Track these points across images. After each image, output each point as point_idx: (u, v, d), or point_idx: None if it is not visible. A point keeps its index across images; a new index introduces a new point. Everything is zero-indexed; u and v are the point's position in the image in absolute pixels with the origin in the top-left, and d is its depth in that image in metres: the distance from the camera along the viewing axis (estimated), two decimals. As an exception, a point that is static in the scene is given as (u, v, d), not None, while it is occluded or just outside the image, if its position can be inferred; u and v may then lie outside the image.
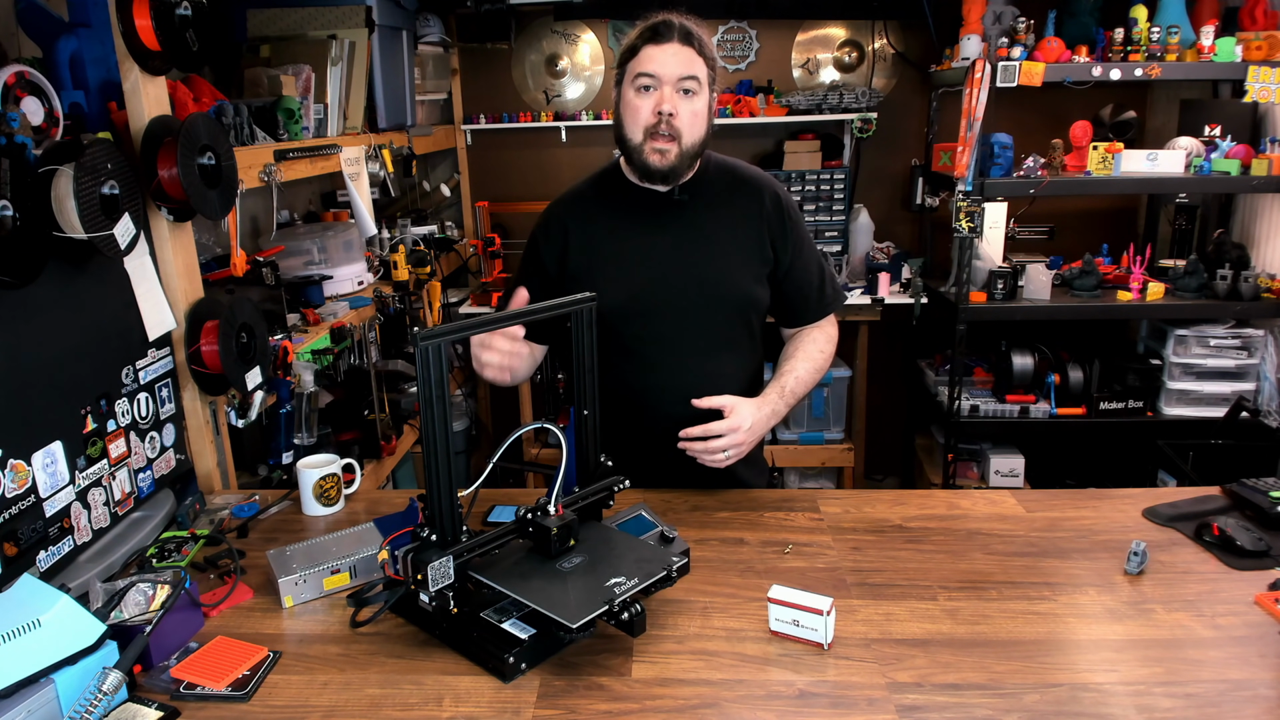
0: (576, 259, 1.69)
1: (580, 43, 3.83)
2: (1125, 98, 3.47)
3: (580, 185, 1.78)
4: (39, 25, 1.64)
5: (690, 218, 1.67)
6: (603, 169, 1.77)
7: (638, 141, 1.60)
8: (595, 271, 1.67)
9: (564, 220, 1.72)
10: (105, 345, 1.48)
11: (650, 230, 1.68)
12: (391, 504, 1.68)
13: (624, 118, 1.62)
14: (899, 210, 3.87)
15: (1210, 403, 3.10)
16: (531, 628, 1.18)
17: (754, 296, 1.70)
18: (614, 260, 1.67)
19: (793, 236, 1.71)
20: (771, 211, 1.70)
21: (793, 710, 1.08)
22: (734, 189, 1.71)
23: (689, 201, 1.67)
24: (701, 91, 1.59)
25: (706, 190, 1.69)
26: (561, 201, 1.77)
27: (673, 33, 1.56)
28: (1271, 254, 3.04)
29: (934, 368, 3.57)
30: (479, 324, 1.21)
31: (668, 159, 1.59)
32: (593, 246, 1.69)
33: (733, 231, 1.68)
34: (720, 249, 1.67)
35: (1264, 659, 1.15)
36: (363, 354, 2.67)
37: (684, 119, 1.58)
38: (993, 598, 1.31)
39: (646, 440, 1.68)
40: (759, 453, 1.85)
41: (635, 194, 1.69)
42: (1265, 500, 1.51)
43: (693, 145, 1.60)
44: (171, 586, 1.23)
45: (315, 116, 2.41)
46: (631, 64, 1.59)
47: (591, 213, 1.72)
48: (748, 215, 1.69)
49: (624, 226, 1.69)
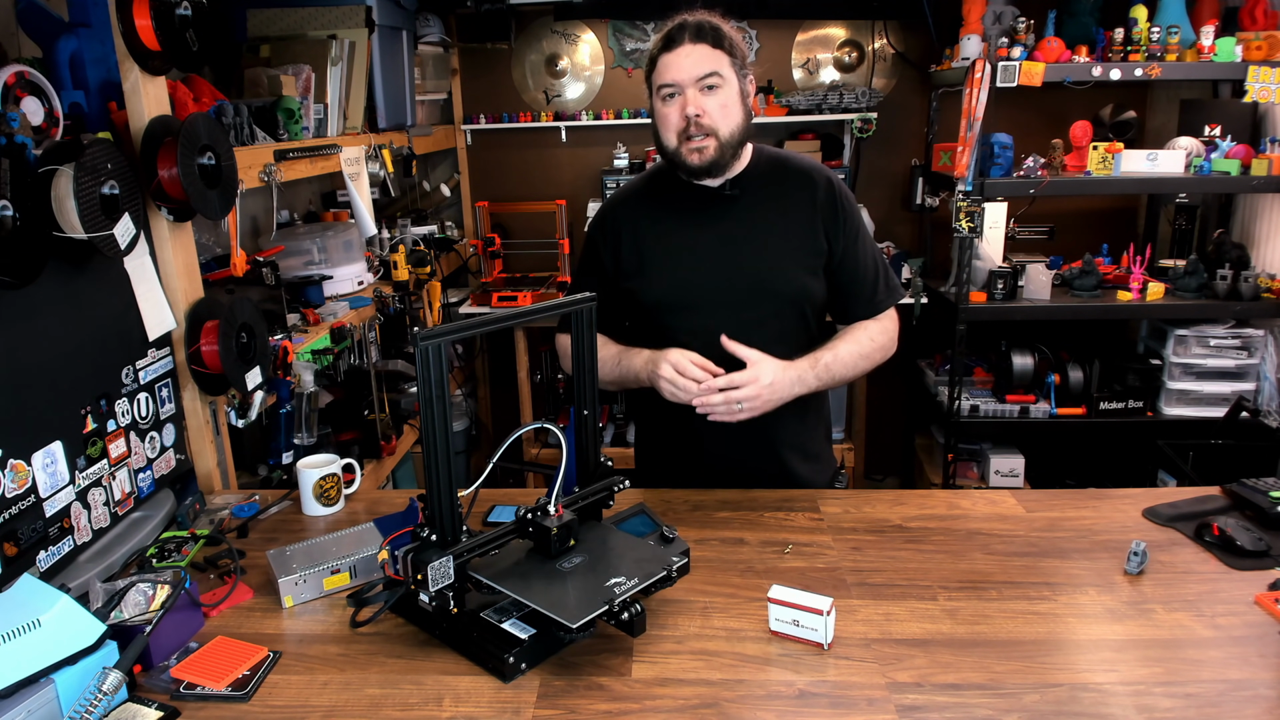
0: (629, 255, 1.70)
1: (580, 43, 3.83)
2: (1125, 98, 3.47)
3: (634, 183, 1.80)
4: (39, 25, 1.64)
5: (741, 211, 1.67)
6: (655, 167, 1.77)
7: (674, 147, 1.60)
8: (645, 266, 1.68)
9: (618, 217, 1.73)
10: (105, 345, 1.48)
11: (701, 225, 1.67)
12: (391, 504, 1.68)
13: (658, 128, 1.63)
14: (899, 210, 3.87)
15: (1210, 403, 3.10)
16: (531, 628, 1.18)
17: (807, 289, 1.67)
18: (664, 255, 1.68)
19: (847, 226, 1.69)
20: (825, 201, 1.68)
21: (793, 710, 1.08)
22: (786, 180, 1.70)
23: (740, 195, 1.67)
24: (727, 83, 1.57)
25: (758, 183, 1.68)
26: (615, 199, 1.78)
27: (683, 35, 1.56)
28: (1271, 254, 3.04)
29: (934, 368, 3.57)
30: (479, 324, 1.21)
31: (706, 155, 1.58)
32: (644, 242, 1.70)
33: (785, 223, 1.67)
34: (772, 241, 1.66)
35: (1264, 659, 1.15)
36: (363, 354, 2.67)
37: (714, 114, 1.57)
38: (993, 598, 1.31)
39: (705, 440, 1.68)
40: (826, 448, 1.83)
41: (686, 190, 1.69)
42: (1265, 500, 1.51)
43: (731, 135, 1.59)
44: (171, 586, 1.23)
45: (315, 116, 2.41)
46: (654, 76, 1.61)
47: (644, 209, 1.73)
48: (800, 205, 1.68)
49: (675, 222, 1.69)
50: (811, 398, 1.69)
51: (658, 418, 1.79)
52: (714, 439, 1.68)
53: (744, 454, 1.71)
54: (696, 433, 1.67)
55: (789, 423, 1.69)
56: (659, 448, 1.84)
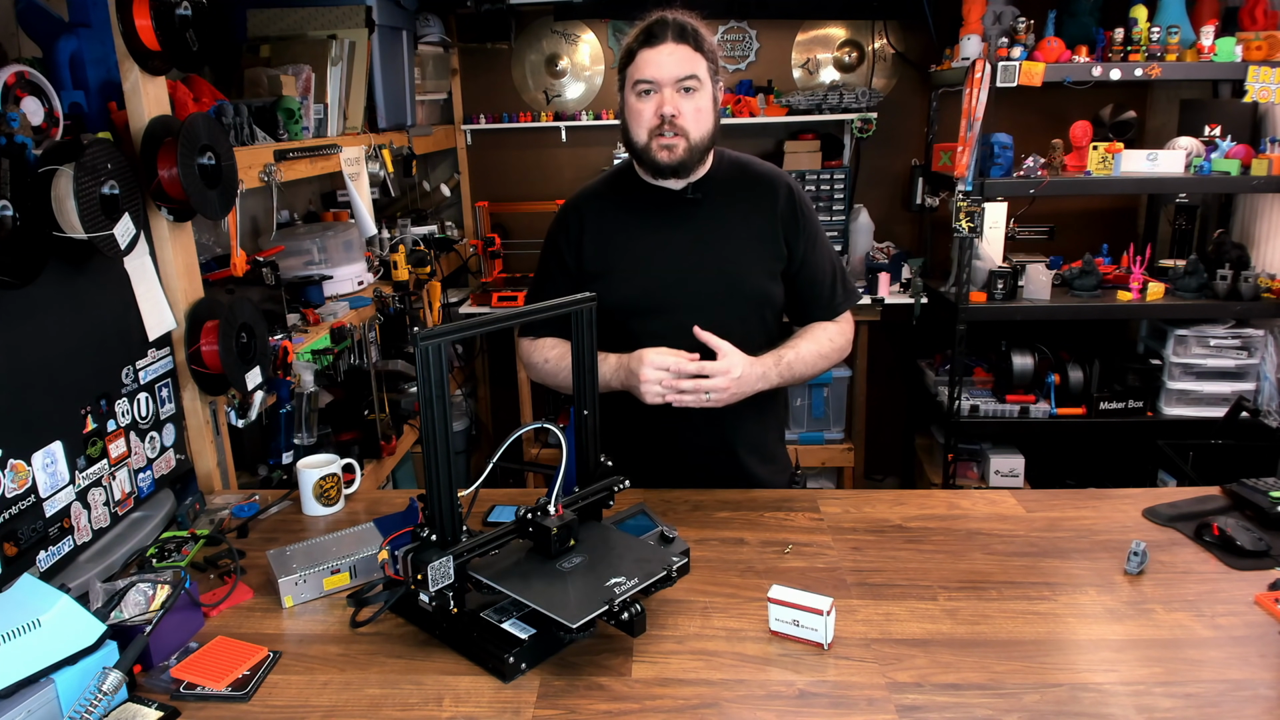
0: (591, 256, 1.70)
1: (580, 43, 3.83)
2: (1125, 98, 3.47)
3: (594, 183, 1.79)
4: (39, 25, 1.64)
5: (704, 215, 1.67)
6: (616, 168, 1.77)
7: (644, 143, 1.60)
8: (609, 268, 1.67)
9: (580, 215, 1.72)
10: (105, 345, 1.48)
11: (664, 227, 1.68)
12: (391, 504, 1.68)
13: (629, 122, 1.62)
14: (899, 210, 3.87)
15: (1210, 403, 3.10)
16: (531, 628, 1.18)
17: (768, 293, 1.70)
18: (627, 257, 1.68)
19: (806, 231, 1.71)
20: (785, 207, 1.69)
21: (793, 710, 1.08)
22: (748, 185, 1.71)
23: (702, 199, 1.67)
24: (703, 88, 1.58)
25: (720, 187, 1.69)
26: (577, 198, 1.77)
27: (666, 33, 1.55)
28: (1271, 254, 3.04)
29: (934, 368, 3.57)
30: (479, 324, 1.21)
31: (675, 154, 1.59)
32: (607, 243, 1.69)
33: (746, 228, 1.68)
34: (734, 245, 1.67)
35: (1264, 659, 1.15)
36: (363, 354, 2.67)
37: (688, 117, 1.58)
38: (993, 598, 1.31)
39: (658, 437, 1.68)
40: (780, 450, 1.85)
41: (649, 192, 1.69)
42: (1265, 500, 1.51)
43: (701, 140, 1.60)
44: (171, 586, 1.23)
45: (315, 116, 2.41)
46: (630, 70, 1.60)
47: (606, 209, 1.72)
48: (761, 211, 1.69)
49: (638, 224, 1.69)
50: (767, 398, 1.70)
51: (618, 419, 1.79)
52: (671, 439, 1.69)
53: (703, 456, 1.71)
54: (655, 434, 1.69)
55: (746, 423, 1.71)
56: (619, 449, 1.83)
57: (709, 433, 1.69)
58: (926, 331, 3.58)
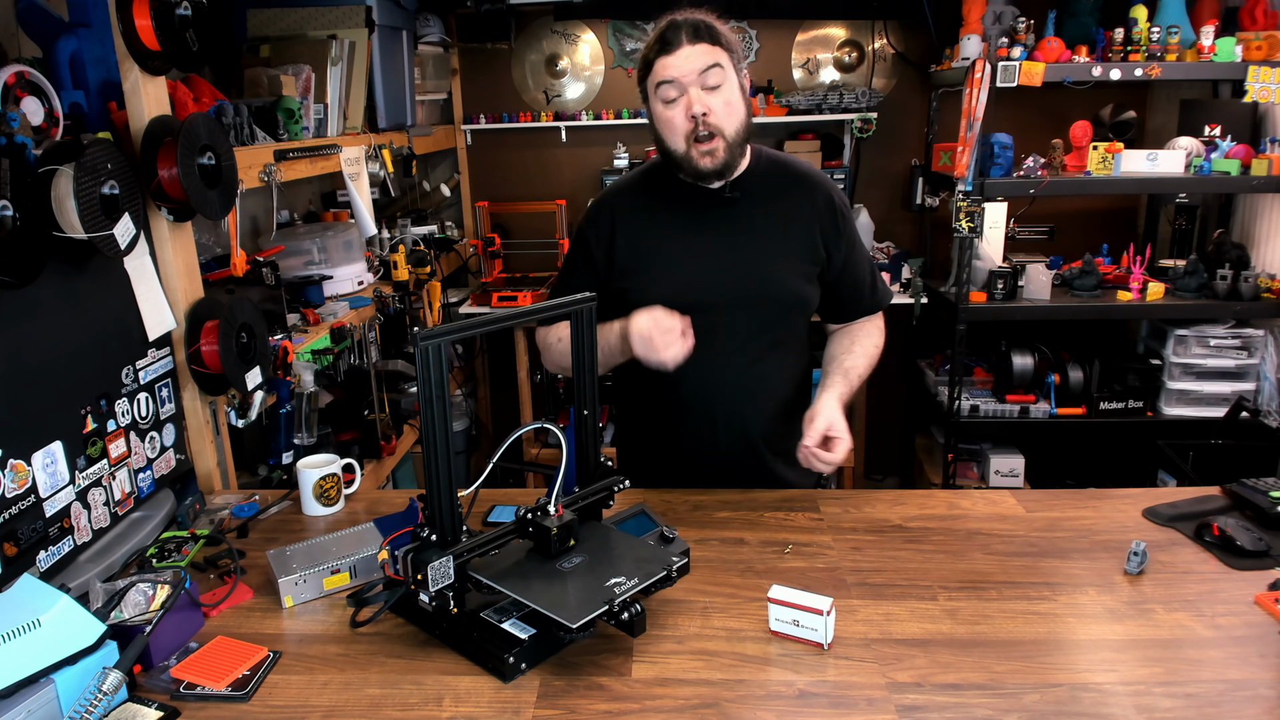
0: (623, 252, 1.67)
1: (580, 43, 3.83)
2: (1125, 98, 3.47)
3: (628, 178, 1.75)
4: (39, 25, 1.64)
5: (740, 215, 1.65)
6: (650, 163, 1.73)
7: (683, 151, 1.57)
8: (641, 266, 1.65)
9: (613, 211, 1.69)
10: (105, 345, 1.48)
11: (699, 226, 1.65)
12: (391, 504, 1.68)
13: (661, 133, 1.59)
14: (899, 210, 3.87)
15: (1210, 403, 3.10)
16: (531, 628, 1.18)
17: (804, 296, 1.68)
18: (661, 255, 1.65)
19: (845, 235, 1.69)
20: (824, 210, 1.67)
21: (793, 710, 1.08)
22: (786, 186, 1.68)
23: (740, 198, 1.65)
24: (727, 80, 1.54)
25: (758, 187, 1.66)
26: (610, 193, 1.75)
27: (680, 35, 1.52)
28: (1271, 254, 3.04)
29: (934, 368, 3.57)
30: (479, 324, 1.21)
31: (717, 158, 1.56)
32: (640, 240, 1.66)
33: (784, 229, 1.65)
34: (771, 247, 1.64)
35: (1264, 659, 1.15)
36: (363, 354, 2.67)
37: (719, 113, 1.54)
38: (993, 598, 1.31)
39: (688, 441, 1.68)
40: None
41: (684, 190, 1.65)
42: (1265, 500, 1.51)
43: (736, 135, 1.57)
44: (171, 586, 1.23)
45: (315, 116, 2.41)
46: (650, 78, 1.57)
47: (639, 206, 1.69)
48: (799, 213, 1.66)
49: (672, 222, 1.66)
50: (794, 403, 1.70)
51: (638, 419, 1.79)
52: (694, 441, 1.68)
53: (728, 459, 1.69)
54: (674, 435, 1.68)
55: (775, 426, 1.70)
56: (638, 449, 1.83)
57: (734, 436, 1.67)
58: (926, 331, 3.58)
